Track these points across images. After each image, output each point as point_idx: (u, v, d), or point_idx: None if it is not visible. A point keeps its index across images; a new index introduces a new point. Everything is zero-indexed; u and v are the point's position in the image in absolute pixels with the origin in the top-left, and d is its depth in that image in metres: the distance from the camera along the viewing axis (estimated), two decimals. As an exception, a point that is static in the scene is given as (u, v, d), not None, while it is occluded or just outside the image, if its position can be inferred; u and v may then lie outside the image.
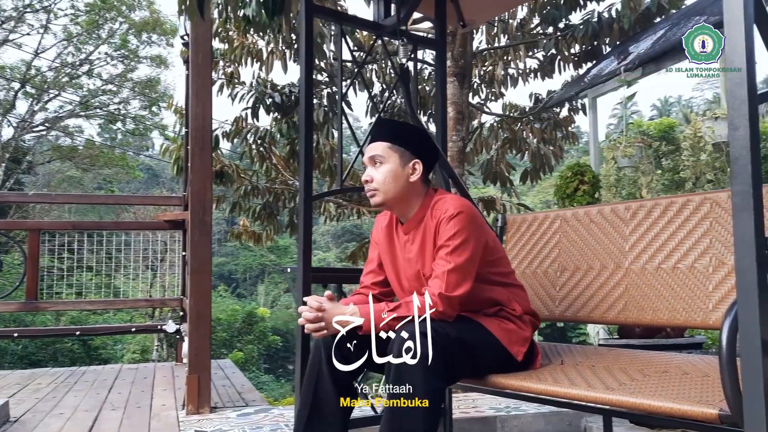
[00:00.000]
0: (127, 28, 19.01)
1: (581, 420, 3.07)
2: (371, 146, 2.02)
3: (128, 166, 20.06)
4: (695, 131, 3.78)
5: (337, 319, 1.86)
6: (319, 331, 1.88)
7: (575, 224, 2.51)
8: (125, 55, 19.19)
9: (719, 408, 1.42)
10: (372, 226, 2.27)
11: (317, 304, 1.87)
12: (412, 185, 2.01)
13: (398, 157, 1.98)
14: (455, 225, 1.92)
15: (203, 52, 3.40)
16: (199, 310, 3.25)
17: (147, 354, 14.37)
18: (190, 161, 3.34)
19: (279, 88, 6.62)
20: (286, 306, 30.20)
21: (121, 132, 21.33)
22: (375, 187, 1.99)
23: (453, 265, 1.89)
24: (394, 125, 2.16)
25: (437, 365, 1.75)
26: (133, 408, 3.45)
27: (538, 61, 6.65)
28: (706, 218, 2.10)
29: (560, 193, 5.08)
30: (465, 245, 1.91)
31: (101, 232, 6.21)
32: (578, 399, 1.78)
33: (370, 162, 2.02)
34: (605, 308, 2.36)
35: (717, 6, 4.38)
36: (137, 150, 24.21)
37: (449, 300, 1.87)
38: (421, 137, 2.07)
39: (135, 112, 20.17)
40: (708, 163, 3.73)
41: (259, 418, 3.04)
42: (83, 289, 6.76)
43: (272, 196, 7.24)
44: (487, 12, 3.37)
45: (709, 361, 2.00)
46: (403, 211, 2.05)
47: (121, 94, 19.80)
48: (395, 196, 2.00)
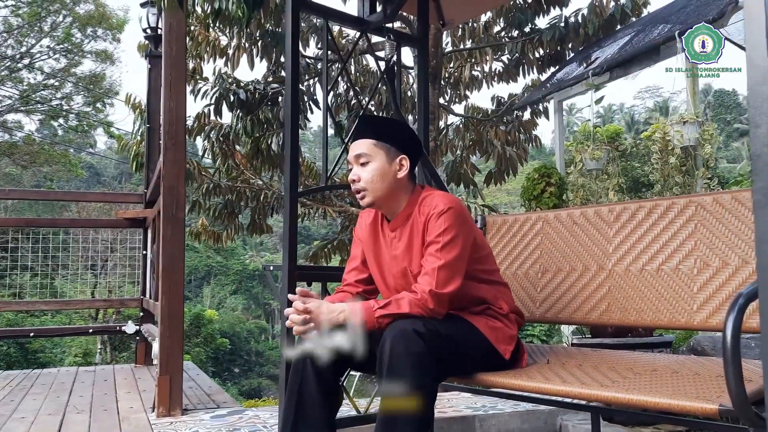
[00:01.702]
0: (71, 21, 18.39)
1: (556, 418, 3.11)
2: (356, 144, 1.98)
3: (70, 163, 19.34)
4: (664, 135, 3.90)
5: (326, 318, 1.83)
6: (309, 332, 1.85)
7: (557, 226, 2.53)
8: (68, 49, 18.57)
9: (719, 403, 1.44)
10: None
11: (303, 306, 1.83)
12: (400, 181, 1.98)
13: (384, 153, 1.95)
14: (445, 221, 1.90)
15: (178, 45, 3.30)
16: (171, 310, 3.16)
17: (90, 357, 13.92)
18: (163, 155, 3.24)
19: (243, 84, 6.52)
20: (232, 308, 29.80)
21: (63, 128, 20.58)
22: (363, 187, 1.96)
23: (443, 262, 1.87)
24: (377, 121, 2.12)
25: (430, 364, 1.74)
26: (100, 411, 3.33)
27: (503, 65, 6.73)
28: (690, 221, 2.14)
29: (527, 195, 5.14)
30: (455, 242, 1.90)
31: (38, 231, 5.87)
32: (573, 396, 1.80)
33: (355, 161, 1.97)
34: (587, 309, 2.39)
35: (682, 14, 4.52)
36: (79, 147, 23.44)
37: (439, 297, 1.85)
38: (405, 131, 2.04)
39: (78, 108, 19.53)
40: (676, 166, 3.85)
41: (234, 419, 2.97)
42: (18, 289, 6.44)
43: (234, 195, 7.12)
44: (467, 12, 3.39)
45: (696, 360, 2.05)
46: (390, 208, 2.02)
47: (64, 89, 19.15)
48: (384, 195, 1.97)
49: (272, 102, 6.44)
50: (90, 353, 14.22)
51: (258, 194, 7.03)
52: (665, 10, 5.15)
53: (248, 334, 27.77)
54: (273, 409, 3.29)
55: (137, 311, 5.71)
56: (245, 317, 29.87)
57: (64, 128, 20.57)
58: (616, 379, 1.79)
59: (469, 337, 1.93)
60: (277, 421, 2.92)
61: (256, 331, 29.45)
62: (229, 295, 30.68)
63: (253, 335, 28.74)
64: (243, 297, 31.86)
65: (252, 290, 32.15)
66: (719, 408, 1.44)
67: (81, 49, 18.73)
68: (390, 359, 1.70)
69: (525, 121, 6.70)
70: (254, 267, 32.46)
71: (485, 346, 1.96)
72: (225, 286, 29.94)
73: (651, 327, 3.13)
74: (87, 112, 19.60)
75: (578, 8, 5.86)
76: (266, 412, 3.15)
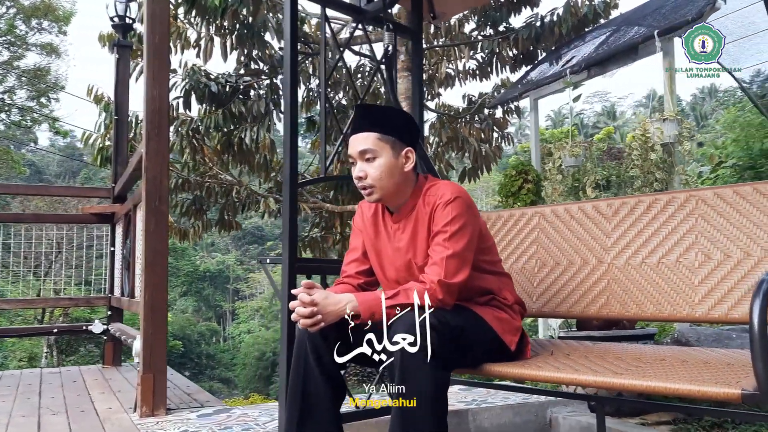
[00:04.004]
0: (14, 12, 17.70)
1: (546, 411, 3.14)
2: (359, 138, 1.91)
3: (12, 160, 18.57)
4: (644, 132, 3.97)
5: (333, 310, 1.78)
6: (316, 325, 1.79)
7: (554, 221, 2.54)
8: (11, 41, 17.87)
9: (741, 388, 1.45)
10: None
11: (309, 298, 1.78)
12: (407, 175, 1.95)
13: (390, 148, 1.90)
14: (452, 210, 1.87)
15: (161, 32, 3.19)
16: (155, 305, 3.05)
17: (35, 362, 13.43)
18: (145, 146, 3.13)
19: (214, 77, 6.38)
20: (182, 310, 29.22)
21: (5, 124, 19.80)
22: (371, 184, 1.91)
23: (452, 252, 1.85)
24: (379, 112, 2.01)
25: (442, 356, 1.71)
26: (77, 412, 3.20)
27: (476, 62, 6.76)
28: (691, 215, 2.17)
29: (505, 191, 5.18)
30: (463, 231, 1.87)
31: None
32: (587, 385, 1.80)
33: (360, 157, 1.91)
34: (586, 303, 2.39)
35: (658, 14, 4.61)
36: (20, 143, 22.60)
37: (448, 287, 1.83)
38: (407, 121, 1.99)
39: (21, 102, 18.82)
40: (656, 162, 3.94)
41: (222, 418, 2.89)
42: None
43: (203, 190, 6.97)
44: (459, 5, 3.37)
45: (701, 350, 2.08)
46: (395, 200, 1.98)
47: (6, 82, 18.43)
48: (392, 190, 1.93)
49: (244, 95, 6.33)
50: (35, 357, 13.70)
51: (228, 190, 6.89)
52: (639, 11, 5.25)
53: (199, 337, 27.33)
54: (261, 406, 3.22)
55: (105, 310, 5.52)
56: (196, 319, 29.38)
57: (6, 123, 19.75)
58: (628, 368, 1.80)
59: (478, 328, 1.92)
60: (270, 419, 2.86)
61: (207, 334, 29.01)
62: (179, 297, 30.06)
63: (204, 338, 28.30)
64: (194, 299, 31.31)
65: (203, 292, 31.63)
66: (742, 392, 1.45)
67: (25, 42, 18.05)
68: (402, 352, 1.67)
69: (498, 119, 6.75)
70: (205, 268, 31.93)
71: (492, 337, 1.95)
72: (175, 288, 29.25)
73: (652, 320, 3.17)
74: (31, 107, 18.88)
75: (553, 8, 5.94)
76: (255, 410, 3.08)
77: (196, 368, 25.09)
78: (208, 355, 27.57)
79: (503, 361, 1.96)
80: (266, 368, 24.80)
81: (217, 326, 31.55)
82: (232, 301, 33.39)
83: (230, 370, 27.00)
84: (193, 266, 31.28)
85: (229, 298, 33.52)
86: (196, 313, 30.77)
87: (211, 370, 26.55)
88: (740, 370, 1.66)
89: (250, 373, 25.04)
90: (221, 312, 33.45)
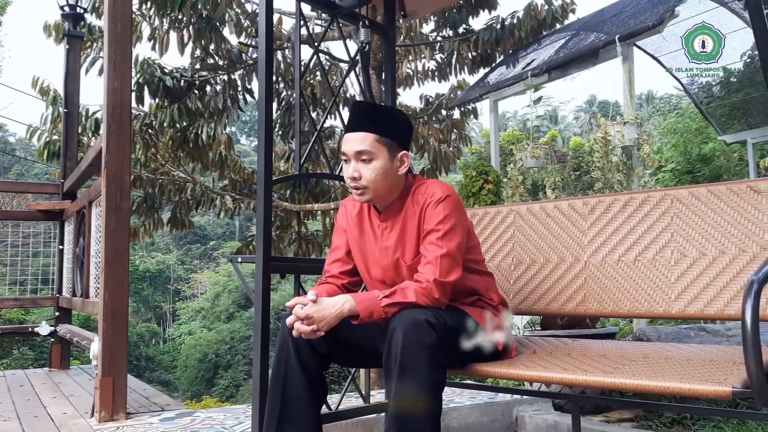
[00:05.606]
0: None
1: (513, 410, 3.15)
2: (356, 138, 1.87)
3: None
4: (605, 135, 4.06)
5: (330, 313, 1.73)
6: (316, 332, 1.74)
7: (530, 219, 2.55)
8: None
9: (731, 385, 1.48)
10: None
11: (303, 312, 1.72)
12: (400, 177, 1.93)
13: (387, 150, 1.87)
14: (444, 209, 1.87)
15: (123, 22, 3.06)
16: (115, 306, 2.92)
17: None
18: (106, 140, 2.99)
19: (169, 71, 6.20)
20: (129, 313, 28.41)
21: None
22: (365, 185, 1.87)
23: (445, 250, 1.84)
24: (377, 112, 1.96)
25: (441, 355, 1.70)
26: (29, 418, 3.03)
27: (436, 63, 6.79)
28: (666, 213, 2.21)
29: (465, 191, 5.21)
30: (455, 230, 1.87)
31: None
32: (578, 384, 1.79)
33: (355, 156, 1.87)
34: (563, 301, 2.42)
35: (617, 20, 4.72)
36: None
37: (443, 286, 1.82)
38: (404, 123, 1.96)
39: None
40: (617, 164, 4.03)
41: (186, 422, 2.78)
42: None
43: (156, 188, 6.76)
44: (430, 4, 3.35)
45: (681, 347, 2.12)
46: (384, 200, 1.95)
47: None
48: (385, 192, 1.91)
49: (200, 90, 6.17)
50: (-38, 361, 13.02)
51: (182, 188, 6.70)
52: (597, 17, 5.37)
53: (138, 338, 26.63)
54: (225, 409, 3.12)
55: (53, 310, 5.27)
56: (135, 321, 28.61)
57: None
58: (617, 367, 1.81)
59: (470, 328, 1.91)
60: (236, 422, 2.78)
61: (147, 335, 28.30)
62: (126, 300, 29.20)
63: (144, 339, 27.61)
64: (132, 299, 30.43)
65: (142, 293, 30.83)
66: (732, 390, 1.47)
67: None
68: (402, 351, 1.64)
69: (457, 120, 6.79)
70: (145, 268, 31.12)
71: (482, 337, 1.94)
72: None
73: (629, 316, 3.23)
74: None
75: (514, 11, 6.01)
76: (219, 413, 2.99)
77: (134, 371, 24.35)
78: (148, 357, 26.86)
79: (489, 360, 1.95)
80: (208, 370, 24.35)
81: (157, 327, 30.79)
82: (173, 302, 32.63)
83: (170, 373, 26.40)
84: (132, 266, 30.41)
85: (169, 298, 32.76)
86: (135, 314, 29.91)
87: (151, 372, 25.85)
88: (725, 367, 1.69)
89: (192, 375, 24.54)
90: (161, 313, 32.65)
